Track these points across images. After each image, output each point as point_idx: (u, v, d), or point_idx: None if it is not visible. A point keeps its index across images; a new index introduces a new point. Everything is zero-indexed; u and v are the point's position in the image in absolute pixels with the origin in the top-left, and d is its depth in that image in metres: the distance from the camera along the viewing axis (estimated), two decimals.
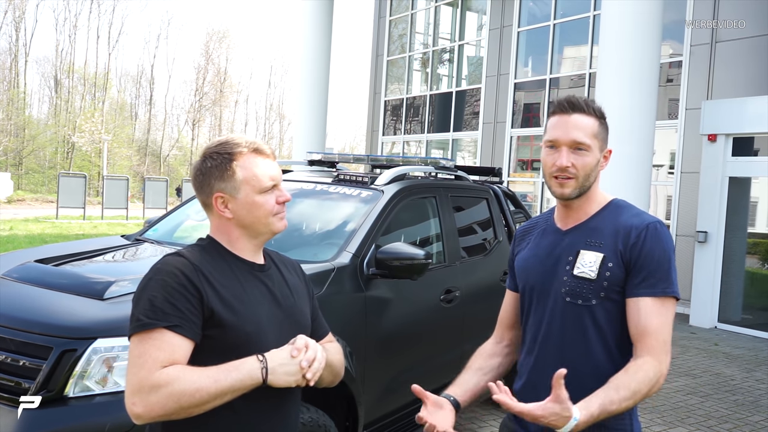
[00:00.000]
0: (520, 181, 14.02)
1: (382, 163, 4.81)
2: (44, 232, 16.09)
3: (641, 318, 1.70)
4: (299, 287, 1.81)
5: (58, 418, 2.39)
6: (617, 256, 1.74)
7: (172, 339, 1.49)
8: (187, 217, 4.36)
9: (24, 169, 41.52)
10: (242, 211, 1.65)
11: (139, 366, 1.46)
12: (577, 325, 1.77)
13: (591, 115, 1.81)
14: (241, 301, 1.60)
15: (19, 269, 3.09)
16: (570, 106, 1.81)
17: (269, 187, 1.65)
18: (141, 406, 1.44)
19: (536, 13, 13.68)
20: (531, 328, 1.90)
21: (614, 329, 1.75)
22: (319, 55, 12.81)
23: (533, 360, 1.87)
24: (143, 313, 1.50)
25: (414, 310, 3.75)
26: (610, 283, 1.74)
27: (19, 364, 2.50)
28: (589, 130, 1.79)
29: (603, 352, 1.75)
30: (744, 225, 9.23)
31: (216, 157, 1.65)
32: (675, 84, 10.67)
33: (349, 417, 3.22)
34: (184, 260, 1.58)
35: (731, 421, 5.27)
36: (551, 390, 1.62)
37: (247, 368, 1.50)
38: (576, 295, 1.77)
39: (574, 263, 1.79)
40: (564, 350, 1.79)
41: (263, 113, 61.67)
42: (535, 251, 1.93)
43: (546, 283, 1.85)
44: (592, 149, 1.79)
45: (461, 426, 4.87)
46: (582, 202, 1.84)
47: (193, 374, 1.46)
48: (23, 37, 46.43)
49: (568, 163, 1.77)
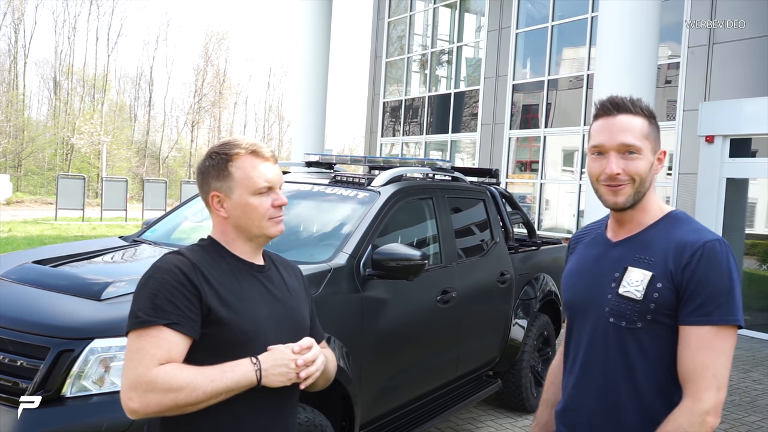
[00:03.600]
0: (519, 183, 14.03)
1: (380, 165, 4.82)
2: (43, 233, 16.09)
3: (690, 350, 1.53)
4: (298, 290, 1.82)
5: (56, 418, 2.41)
6: (667, 276, 1.57)
7: (170, 336, 1.51)
8: (184, 219, 4.38)
9: (23, 170, 41.50)
10: (236, 211, 1.66)
11: (137, 362, 1.48)
12: (620, 349, 1.62)
13: (639, 115, 1.64)
14: (240, 300, 1.62)
15: (17, 270, 3.11)
16: (614, 107, 1.65)
17: (263, 189, 1.66)
18: (137, 402, 1.46)
19: (534, 14, 13.70)
20: (573, 347, 1.78)
21: (662, 356, 1.59)
22: (317, 57, 12.84)
23: (573, 381, 1.75)
24: (142, 310, 1.52)
25: (410, 311, 3.77)
26: (658, 306, 1.57)
27: (17, 364, 2.52)
28: (639, 130, 1.62)
29: (648, 381, 1.60)
30: (741, 226, 9.25)
31: (215, 157, 1.68)
32: (673, 85, 10.69)
33: (345, 417, 3.23)
34: (183, 258, 1.61)
35: (728, 422, 5.29)
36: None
37: (242, 370, 1.53)
38: (620, 316, 1.61)
39: (621, 280, 1.63)
40: (606, 375, 1.65)
41: (262, 115, 61.59)
42: (582, 263, 1.80)
43: (589, 299, 1.71)
44: (643, 152, 1.62)
45: (459, 426, 4.89)
46: (635, 212, 1.67)
47: (190, 373, 1.49)
48: (22, 39, 46.40)
49: (618, 170, 1.61)
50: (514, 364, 4.96)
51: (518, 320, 4.95)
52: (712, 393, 1.50)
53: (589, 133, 1.72)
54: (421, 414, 3.96)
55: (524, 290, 5.12)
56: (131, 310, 1.56)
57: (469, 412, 5.16)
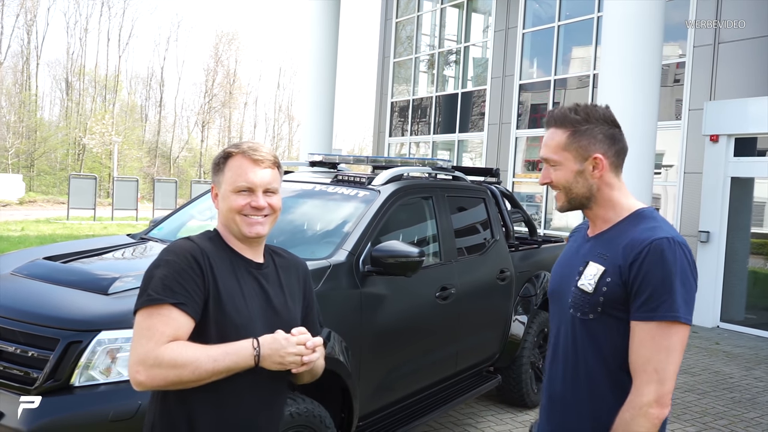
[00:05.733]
0: (527, 182, 14.08)
1: (382, 164, 4.91)
2: (55, 232, 16.30)
3: (636, 343, 1.61)
4: (294, 289, 1.89)
5: (65, 406, 2.52)
6: (617, 271, 1.65)
7: (178, 316, 1.61)
8: (191, 217, 4.49)
9: (35, 170, 41.91)
10: (222, 205, 1.79)
11: (147, 338, 1.59)
12: (578, 339, 1.73)
13: (563, 127, 1.75)
14: (234, 295, 1.71)
15: (29, 266, 3.24)
16: (547, 121, 1.79)
17: (243, 188, 1.75)
18: (144, 375, 1.57)
19: (541, 14, 13.75)
20: (550, 334, 1.90)
21: (613, 347, 1.67)
22: (325, 57, 12.94)
23: (547, 366, 1.86)
24: (153, 289, 1.62)
25: (409, 307, 3.85)
26: (607, 299, 1.66)
27: (29, 355, 2.64)
28: (555, 144, 1.76)
29: (601, 371, 1.69)
30: (746, 225, 9.27)
31: (220, 154, 1.82)
32: (680, 84, 10.71)
33: (344, 409, 3.32)
34: (193, 245, 1.72)
35: (727, 418, 5.34)
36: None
37: (243, 354, 1.63)
38: (577, 307, 1.72)
39: (582, 274, 1.74)
40: (567, 363, 1.77)
41: (272, 115, 61.91)
42: (564, 255, 1.92)
43: (560, 289, 1.83)
44: (562, 162, 1.75)
45: (460, 421, 4.97)
46: (597, 210, 1.78)
47: (195, 351, 1.60)
48: (35, 40, 46.99)
49: (547, 179, 1.78)
50: (515, 360, 5.04)
51: (518, 317, 5.03)
52: (653, 386, 1.57)
53: None
54: (420, 407, 4.05)
55: (525, 287, 5.19)
56: (142, 288, 1.66)
57: (470, 407, 5.25)
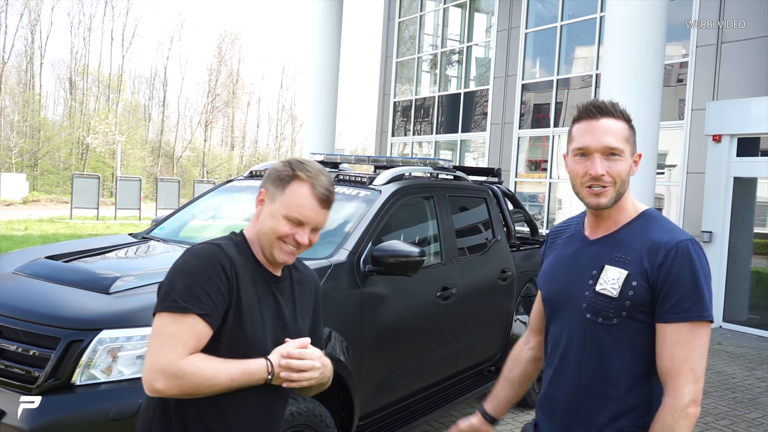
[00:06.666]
0: (530, 182, 14.07)
1: (383, 164, 4.91)
2: (58, 232, 16.34)
3: (669, 346, 1.61)
4: (306, 304, 1.87)
5: (66, 405, 2.54)
6: (643, 274, 1.64)
7: (202, 327, 1.59)
8: (192, 217, 4.50)
9: (39, 170, 42.00)
10: (266, 219, 1.72)
11: (170, 347, 1.55)
12: (595, 344, 1.70)
13: (620, 119, 1.71)
14: (253, 308, 1.69)
15: (31, 265, 3.25)
16: (598, 111, 1.69)
17: (294, 219, 1.70)
18: (162, 384, 1.54)
19: (543, 14, 13.74)
20: (551, 339, 1.85)
21: (636, 350, 1.66)
22: (328, 57, 12.95)
23: (552, 373, 1.82)
24: (180, 295, 1.58)
25: (410, 306, 3.86)
26: (633, 303, 1.64)
27: (30, 353, 2.65)
28: (621, 134, 1.69)
29: (625, 374, 1.67)
30: (749, 225, 9.25)
31: (287, 168, 1.73)
32: (683, 84, 10.69)
33: (345, 408, 3.33)
34: (221, 251, 1.66)
35: (728, 418, 5.34)
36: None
37: (258, 377, 1.63)
38: (597, 312, 1.68)
39: (598, 278, 1.69)
40: (582, 369, 1.73)
41: (275, 114, 61.93)
42: (559, 259, 1.86)
43: (566, 294, 1.78)
44: (625, 154, 1.69)
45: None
46: (613, 210, 1.73)
47: (213, 367, 1.58)
48: (38, 40, 47.03)
49: (603, 171, 1.67)
50: None
51: (520, 317, 5.03)
52: (690, 386, 1.59)
53: (570, 135, 1.76)
54: (421, 407, 4.05)
55: (526, 287, 5.20)
56: (164, 290, 1.61)
57: (471, 406, 5.25)
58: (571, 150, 1.73)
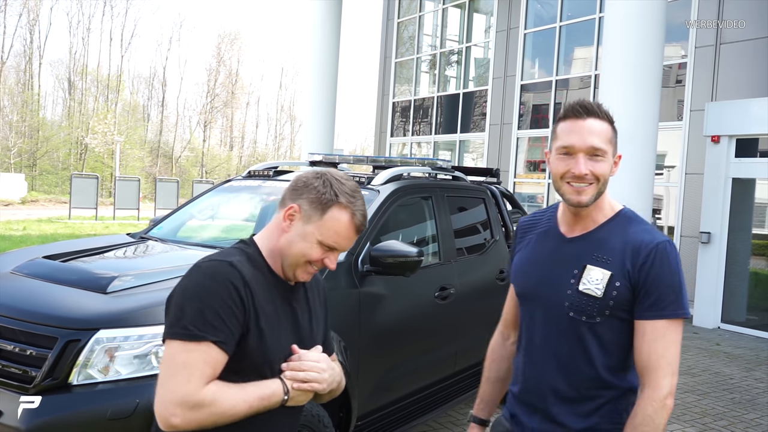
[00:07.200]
0: (528, 183, 14.08)
1: (381, 164, 4.91)
2: (57, 232, 16.33)
3: (647, 341, 1.67)
4: (318, 310, 1.83)
5: (63, 405, 2.53)
6: (625, 275, 1.69)
7: (217, 354, 1.49)
8: (190, 217, 4.49)
9: (38, 170, 41.98)
10: (296, 236, 1.64)
11: (186, 378, 1.45)
12: (578, 340, 1.74)
13: (604, 120, 1.73)
14: (273, 326, 1.61)
15: (29, 265, 3.24)
16: (584, 111, 1.72)
17: (329, 246, 1.65)
18: (180, 419, 1.44)
19: (542, 15, 13.75)
20: (527, 333, 1.86)
21: (617, 344, 1.73)
22: (327, 57, 12.96)
23: (530, 368, 1.84)
24: (192, 321, 1.47)
25: (408, 307, 3.86)
26: (617, 302, 1.69)
27: (27, 353, 2.65)
28: (605, 135, 1.72)
29: (603, 366, 1.73)
30: (747, 226, 9.25)
31: (327, 189, 1.64)
32: (682, 85, 10.70)
33: (343, 408, 3.32)
34: (234, 271, 1.55)
35: (726, 419, 5.34)
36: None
37: (275, 401, 1.56)
38: (580, 311, 1.72)
39: (580, 278, 1.72)
40: (563, 363, 1.76)
41: (274, 115, 61.92)
42: (536, 255, 1.86)
43: (544, 290, 1.79)
44: (607, 155, 1.72)
45: (458, 420, 4.97)
46: (591, 209, 1.76)
47: (232, 397, 1.50)
48: (37, 40, 46.99)
49: (586, 171, 1.70)
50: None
51: None
52: (668, 379, 1.66)
53: (554, 133, 1.78)
54: (419, 407, 4.05)
55: None
56: (173, 314, 1.51)
57: (469, 407, 5.24)
58: (555, 148, 1.76)
